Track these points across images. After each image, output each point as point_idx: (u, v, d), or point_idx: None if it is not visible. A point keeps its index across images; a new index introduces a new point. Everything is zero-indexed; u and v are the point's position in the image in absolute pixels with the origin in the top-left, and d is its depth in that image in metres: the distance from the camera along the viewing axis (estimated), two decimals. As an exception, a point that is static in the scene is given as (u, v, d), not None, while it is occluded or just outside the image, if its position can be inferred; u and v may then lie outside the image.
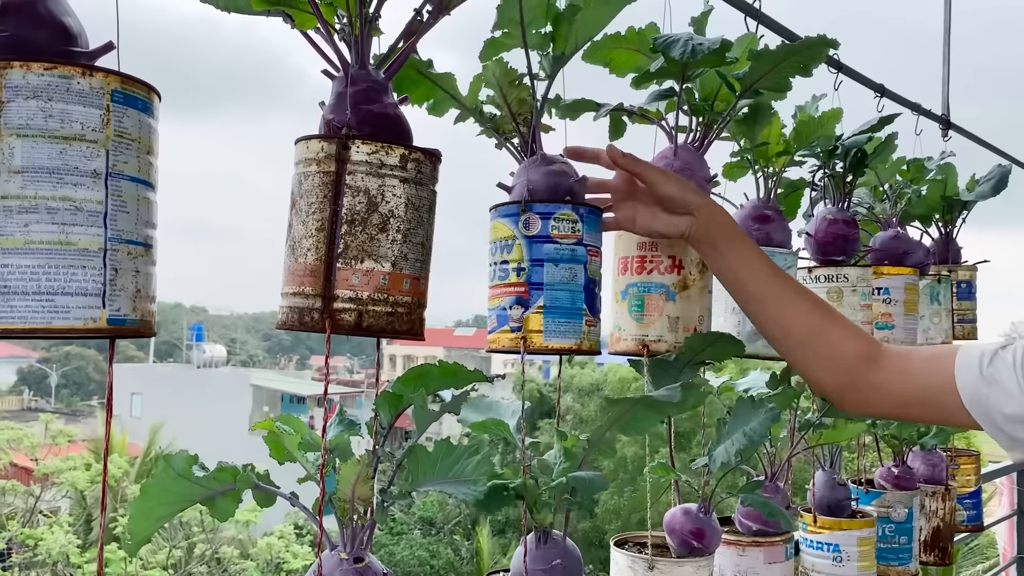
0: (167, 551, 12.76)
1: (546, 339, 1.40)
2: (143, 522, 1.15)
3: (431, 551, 17.94)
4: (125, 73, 0.88)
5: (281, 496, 1.17)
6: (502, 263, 1.42)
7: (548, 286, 1.40)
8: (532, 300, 1.40)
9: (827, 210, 2.18)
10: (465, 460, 1.13)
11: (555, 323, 1.41)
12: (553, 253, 1.40)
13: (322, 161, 1.09)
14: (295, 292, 1.10)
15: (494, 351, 1.46)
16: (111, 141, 0.87)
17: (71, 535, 11.65)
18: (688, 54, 1.43)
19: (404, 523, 19.30)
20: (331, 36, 1.16)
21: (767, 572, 1.86)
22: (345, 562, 1.11)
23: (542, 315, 1.40)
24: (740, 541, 1.86)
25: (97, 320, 0.85)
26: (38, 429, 14.43)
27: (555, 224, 1.42)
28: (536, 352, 1.43)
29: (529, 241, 1.41)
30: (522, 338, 1.40)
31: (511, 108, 1.52)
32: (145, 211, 0.91)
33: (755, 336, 1.87)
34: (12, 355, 47.71)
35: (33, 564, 11.85)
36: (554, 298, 1.41)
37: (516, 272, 1.40)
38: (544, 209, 1.41)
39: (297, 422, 1.21)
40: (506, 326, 1.41)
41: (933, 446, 2.61)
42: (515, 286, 1.41)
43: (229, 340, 61.98)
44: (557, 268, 1.41)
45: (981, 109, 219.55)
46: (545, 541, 1.42)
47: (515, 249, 1.40)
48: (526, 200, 1.40)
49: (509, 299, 1.41)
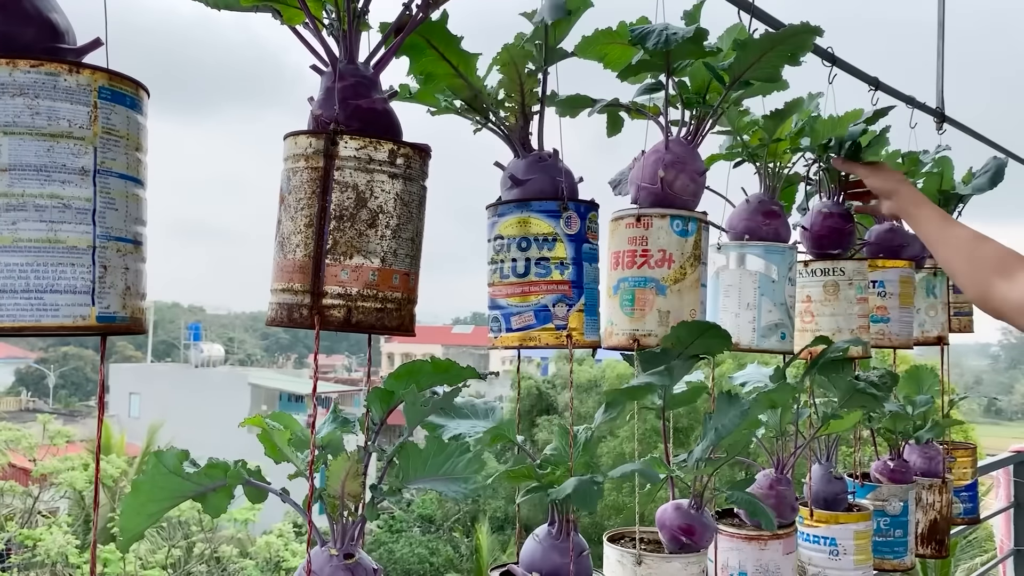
0: (166, 550, 12.76)
1: (586, 335, 1.46)
2: (135, 519, 1.15)
3: (430, 548, 17.96)
4: (112, 70, 0.88)
5: (272, 492, 1.17)
6: (540, 260, 1.43)
7: (586, 285, 1.46)
8: (575, 299, 1.44)
9: (823, 204, 2.18)
10: (456, 458, 1.14)
11: (590, 320, 1.48)
12: (588, 253, 1.46)
13: (310, 157, 1.09)
14: (284, 288, 1.10)
15: (528, 348, 1.47)
16: (99, 138, 0.87)
17: (69, 535, 11.64)
18: (662, 44, 1.44)
19: (403, 521, 19.31)
20: (319, 31, 1.16)
21: (785, 563, 1.86)
22: (335, 558, 1.11)
23: (583, 313, 1.46)
24: (762, 536, 1.84)
25: (87, 318, 0.85)
26: (36, 430, 14.43)
27: (590, 224, 1.47)
28: (580, 347, 1.47)
29: (571, 239, 1.44)
30: (568, 335, 1.43)
31: (524, 97, 1.51)
32: (134, 208, 0.91)
33: (769, 331, 1.87)
34: (10, 356, 47.65)
35: (32, 565, 11.84)
36: (591, 296, 1.47)
37: (559, 270, 1.43)
38: (582, 209, 1.45)
39: (289, 419, 1.21)
40: (549, 324, 1.44)
41: (929, 439, 2.62)
42: (559, 284, 1.43)
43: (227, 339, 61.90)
44: (591, 268, 1.48)
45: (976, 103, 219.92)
46: (568, 534, 1.42)
47: (558, 247, 1.43)
48: (567, 198, 1.43)
49: (551, 297, 1.43)
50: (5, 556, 12.40)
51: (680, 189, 1.66)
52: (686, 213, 1.64)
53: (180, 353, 47.45)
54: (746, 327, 1.83)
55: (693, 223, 1.64)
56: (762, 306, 1.83)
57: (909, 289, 2.45)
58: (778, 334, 1.83)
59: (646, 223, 1.64)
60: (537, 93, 1.47)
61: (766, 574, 1.81)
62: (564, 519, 1.40)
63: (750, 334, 1.82)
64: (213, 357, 42.65)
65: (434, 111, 1.60)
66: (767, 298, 1.83)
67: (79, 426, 25.01)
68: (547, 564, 1.40)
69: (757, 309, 1.83)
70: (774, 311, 1.83)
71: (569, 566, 1.37)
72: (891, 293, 2.42)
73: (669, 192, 1.65)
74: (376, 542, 18.38)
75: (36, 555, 11.41)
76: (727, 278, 1.88)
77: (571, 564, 1.37)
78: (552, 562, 1.39)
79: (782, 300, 1.84)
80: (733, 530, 1.85)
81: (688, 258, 1.64)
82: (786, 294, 1.85)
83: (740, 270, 1.86)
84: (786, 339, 1.84)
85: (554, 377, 20.25)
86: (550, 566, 1.39)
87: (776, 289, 1.83)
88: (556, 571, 1.38)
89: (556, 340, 1.41)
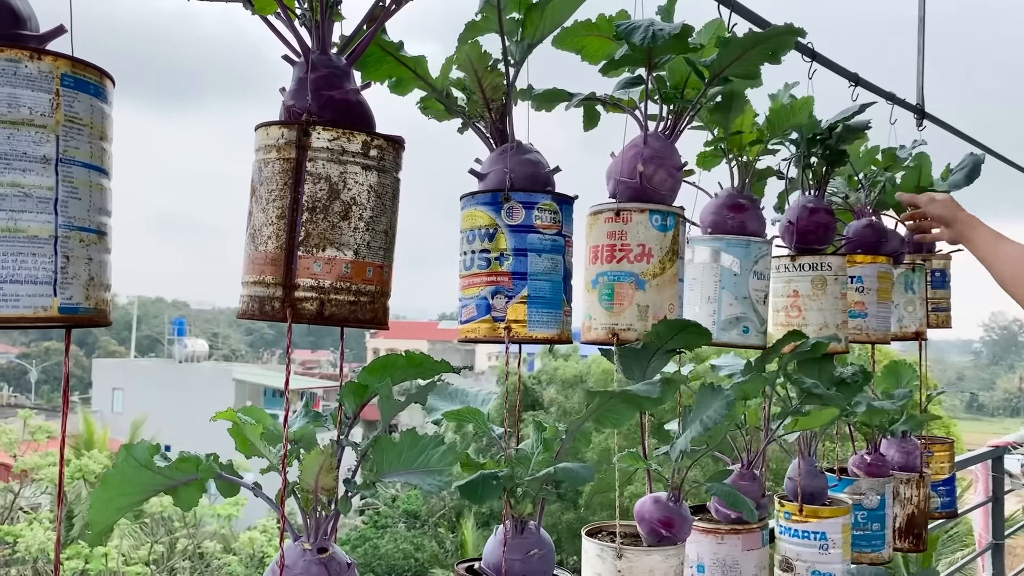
0: (149, 546, 12.69)
1: (530, 329, 1.41)
2: (104, 512, 1.13)
3: (416, 544, 17.92)
4: (76, 57, 0.87)
5: (244, 486, 1.16)
6: (482, 251, 1.41)
7: (532, 276, 1.41)
8: (516, 290, 1.41)
9: (807, 199, 2.18)
10: (431, 451, 1.13)
11: (539, 313, 1.43)
12: (536, 243, 1.41)
13: (282, 148, 1.08)
14: (255, 281, 1.09)
15: (472, 341, 1.46)
16: (61, 126, 0.85)
17: (51, 531, 11.55)
18: (649, 40, 1.43)
19: (388, 516, 19.27)
20: (291, 21, 1.15)
21: (745, 559, 1.86)
22: (308, 552, 1.10)
23: (526, 305, 1.41)
24: (719, 529, 1.86)
25: (48, 308, 0.84)
26: (17, 425, 14.29)
27: (538, 214, 1.42)
28: (520, 342, 1.44)
29: (512, 230, 1.41)
30: (506, 328, 1.40)
31: (485, 93, 1.51)
32: (98, 198, 0.90)
33: (729, 325, 1.88)
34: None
35: (13, 561, 11.75)
36: (537, 288, 1.42)
37: (498, 261, 1.40)
38: (527, 199, 1.41)
39: (260, 413, 1.20)
40: (487, 316, 1.41)
41: (904, 432, 2.62)
42: (498, 275, 1.41)
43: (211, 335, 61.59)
44: (540, 258, 1.42)
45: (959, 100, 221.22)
46: (522, 531, 1.42)
47: (497, 238, 1.40)
48: (509, 188, 1.40)
49: (490, 288, 1.41)
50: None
51: (659, 184, 1.66)
52: (665, 208, 1.64)
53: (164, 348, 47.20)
54: (706, 320, 1.83)
55: (672, 218, 1.64)
56: (723, 299, 1.83)
57: (887, 284, 2.46)
58: (739, 328, 1.83)
59: (625, 217, 1.63)
60: (501, 87, 1.46)
61: (724, 568, 1.81)
62: (518, 517, 1.39)
63: (710, 327, 1.82)
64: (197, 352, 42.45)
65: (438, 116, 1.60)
66: (728, 292, 1.83)
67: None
68: (494, 559, 1.39)
69: (717, 302, 1.83)
70: (735, 305, 1.83)
71: (520, 563, 1.37)
72: (869, 288, 2.43)
73: (648, 187, 1.65)
74: (361, 538, 18.34)
75: (16, 552, 11.32)
76: (692, 271, 1.89)
77: (519, 562, 1.36)
78: (497, 557, 1.38)
79: (745, 294, 1.84)
80: (695, 522, 1.86)
81: (667, 253, 1.63)
82: (750, 288, 1.85)
83: (703, 263, 1.87)
84: (749, 333, 1.85)
85: (539, 373, 20.23)
86: (495, 561, 1.38)
87: (738, 283, 1.84)
88: (500, 567, 1.37)
89: (493, 332, 1.38)
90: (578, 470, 1.44)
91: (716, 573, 1.84)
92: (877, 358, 2.73)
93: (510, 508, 1.41)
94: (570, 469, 1.44)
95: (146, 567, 12.14)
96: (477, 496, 1.31)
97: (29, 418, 13.77)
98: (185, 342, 41.84)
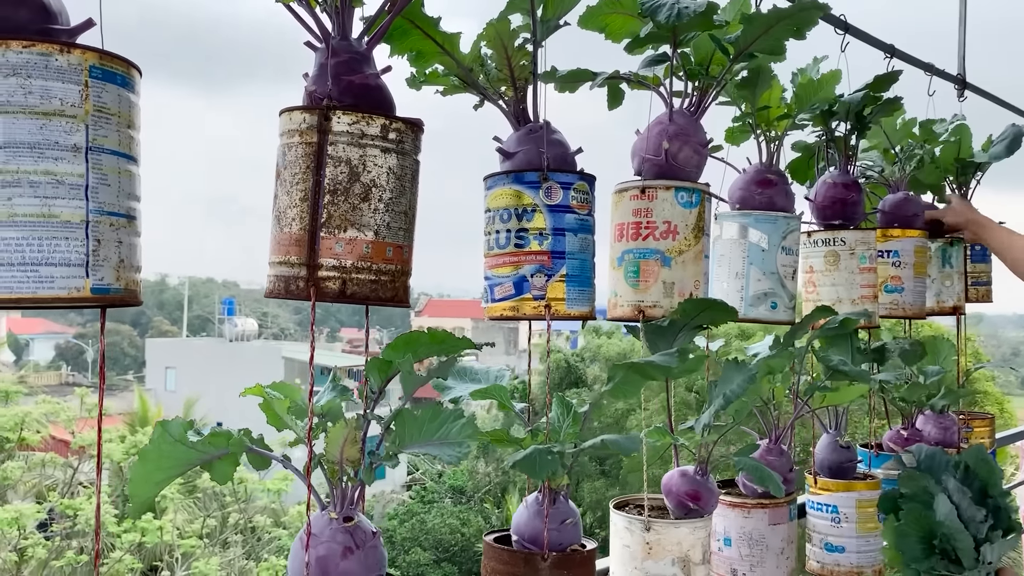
0: (202, 520, 13.04)
1: (568, 306, 1.46)
2: (143, 486, 1.19)
3: (462, 519, 18.13)
4: (103, 49, 0.91)
5: (274, 459, 1.20)
6: (520, 231, 1.45)
7: (569, 255, 1.46)
8: (555, 269, 1.45)
9: (830, 174, 2.17)
10: (451, 423, 1.16)
11: (575, 291, 1.48)
12: (573, 223, 1.46)
13: (304, 132, 1.11)
14: (281, 261, 1.13)
15: (509, 319, 1.49)
16: (90, 116, 0.89)
17: (108, 505, 11.93)
18: (674, 18, 1.44)
19: (435, 492, 19.53)
20: (312, 7, 1.18)
21: (771, 533, 1.88)
22: (335, 521, 1.15)
23: (565, 283, 1.46)
24: (746, 503, 1.88)
25: (81, 289, 0.89)
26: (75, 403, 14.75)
27: (573, 194, 1.46)
28: (559, 318, 1.48)
29: (551, 210, 1.45)
30: (546, 305, 1.44)
31: (513, 71, 1.53)
32: (127, 183, 0.94)
33: (758, 300, 1.88)
34: (50, 331, 48.63)
35: (74, 534, 12.17)
36: (573, 267, 1.47)
37: (538, 240, 1.44)
38: (565, 179, 1.45)
39: (289, 388, 1.25)
40: (527, 294, 1.45)
41: (943, 407, 2.60)
42: (537, 254, 1.45)
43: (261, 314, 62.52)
44: (576, 238, 1.47)
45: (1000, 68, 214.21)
46: (554, 502, 1.46)
47: (536, 217, 1.44)
48: (548, 169, 1.44)
49: (531, 267, 1.45)
50: (48, 525, 12.75)
51: (684, 161, 1.66)
52: (690, 185, 1.65)
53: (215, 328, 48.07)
54: (734, 296, 1.84)
55: (697, 195, 1.65)
56: (751, 275, 1.84)
57: (923, 259, 2.43)
58: (768, 303, 1.83)
59: (650, 195, 1.65)
60: (528, 66, 1.48)
61: (751, 542, 1.83)
62: (546, 487, 1.43)
63: (738, 303, 1.83)
64: (247, 331, 43.15)
65: (443, 90, 1.62)
66: (756, 267, 1.84)
67: (117, 399, 25.51)
68: (529, 530, 1.43)
69: (746, 278, 1.83)
70: (764, 280, 1.83)
71: (557, 532, 1.41)
72: (905, 263, 2.40)
73: (673, 164, 1.66)
74: (408, 512, 18.62)
75: (76, 524, 11.72)
76: (720, 248, 1.89)
77: (544, 531, 1.40)
78: (534, 528, 1.42)
79: (773, 269, 1.84)
80: (722, 496, 1.88)
81: (692, 229, 1.64)
82: (778, 263, 1.84)
83: (731, 239, 1.87)
84: (777, 308, 1.85)
85: (582, 351, 20.26)
86: (531, 532, 1.43)
87: (767, 258, 1.84)
88: (536, 537, 1.42)
89: (534, 310, 1.42)
90: (623, 441, 1.49)
91: (743, 546, 1.86)
92: (928, 333, 2.71)
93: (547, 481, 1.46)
94: (616, 441, 1.49)
95: (199, 540, 12.48)
96: (535, 470, 1.35)
97: (86, 396, 14.20)
98: (235, 321, 42.55)
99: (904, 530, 1.38)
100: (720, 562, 1.91)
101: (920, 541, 1.38)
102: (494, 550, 1.44)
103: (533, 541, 1.44)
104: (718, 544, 1.90)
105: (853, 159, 2.20)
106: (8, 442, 12.64)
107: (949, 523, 1.36)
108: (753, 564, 1.87)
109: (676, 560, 1.61)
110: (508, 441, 1.45)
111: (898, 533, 1.37)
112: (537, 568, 1.39)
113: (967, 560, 1.36)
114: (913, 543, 1.38)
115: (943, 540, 1.37)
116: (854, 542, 2.12)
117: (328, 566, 1.13)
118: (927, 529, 1.38)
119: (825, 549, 2.16)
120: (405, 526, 17.40)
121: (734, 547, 1.88)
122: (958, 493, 1.39)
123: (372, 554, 1.16)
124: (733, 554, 1.88)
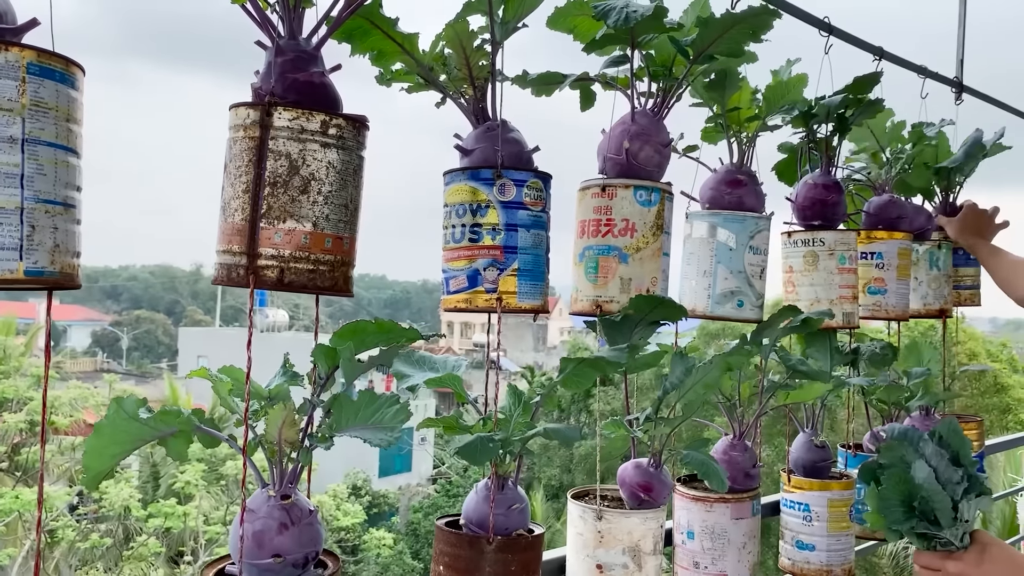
0: (226, 507, 13.24)
1: (519, 300, 1.51)
2: (97, 459, 1.25)
3: (485, 513, 18.20)
4: (41, 47, 0.97)
5: (221, 439, 1.26)
6: (474, 226, 1.49)
7: (521, 250, 1.50)
8: (507, 263, 1.49)
9: (811, 175, 2.19)
10: (385, 409, 1.21)
11: (527, 285, 1.52)
12: (525, 219, 1.51)
13: (248, 127, 1.17)
14: (225, 250, 1.19)
15: (461, 310, 1.54)
16: (27, 110, 0.96)
17: (132, 489, 12.17)
18: (622, 21, 1.47)
19: (460, 486, 19.63)
20: (262, 9, 1.23)
21: (733, 528, 1.91)
22: (272, 499, 1.21)
23: (516, 277, 1.50)
24: (708, 498, 1.91)
25: (15, 272, 0.95)
26: (105, 390, 15.04)
27: (527, 191, 1.51)
28: (511, 312, 1.52)
29: (504, 206, 1.49)
30: (498, 298, 1.49)
31: (471, 71, 1.58)
32: (64, 173, 1.00)
33: (724, 299, 1.91)
34: (87, 319, 49.50)
35: (103, 517, 12.44)
36: (525, 261, 1.51)
37: (491, 235, 1.49)
38: (519, 176, 1.50)
39: (235, 371, 1.31)
40: (480, 287, 1.50)
41: (928, 410, 2.59)
42: (490, 248, 1.49)
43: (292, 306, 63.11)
44: (528, 233, 1.52)
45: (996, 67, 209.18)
46: (502, 488, 1.50)
47: (490, 213, 1.49)
48: (502, 166, 1.48)
49: (483, 261, 1.50)
50: (76, 507, 13.04)
51: (644, 160, 1.70)
52: (649, 184, 1.68)
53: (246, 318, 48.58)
54: (701, 294, 1.87)
55: (656, 193, 1.68)
56: (718, 273, 1.86)
57: (907, 261, 2.44)
58: (734, 301, 1.86)
59: (610, 193, 1.69)
60: (487, 66, 1.53)
61: (713, 536, 1.86)
62: (494, 473, 1.48)
63: (705, 301, 1.86)
64: (278, 323, 43.55)
65: (408, 88, 1.67)
66: (723, 266, 1.86)
67: (150, 387, 25.93)
68: (476, 515, 1.48)
69: (713, 276, 1.86)
70: (731, 279, 1.86)
71: (503, 517, 1.46)
72: (888, 265, 2.41)
73: (634, 163, 1.70)
74: (433, 505, 18.74)
75: (102, 507, 11.98)
76: (690, 246, 1.92)
77: (490, 516, 1.45)
78: (481, 513, 1.47)
79: (740, 268, 1.86)
80: (685, 489, 1.91)
81: (650, 228, 1.68)
82: (746, 262, 1.87)
83: (700, 238, 1.90)
84: (744, 307, 1.87)
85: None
86: (479, 516, 1.48)
87: (734, 257, 1.86)
88: (483, 521, 1.46)
89: (486, 303, 1.47)
90: (564, 430, 1.53)
91: (705, 540, 1.89)
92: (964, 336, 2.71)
93: (500, 467, 1.51)
94: (558, 430, 1.53)
95: (224, 527, 12.68)
96: (475, 456, 1.40)
97: (114, 382, 14.47)
98: (267, 312, 42.96)
99: (885, 494, 1.43)
100: (683, 555, 1.94)
101: (901, 504, 1.43)
102: (443, 533, 1.49)
103: (480, 525, 1.49)
104: (681, 537, 1.94)
105: (835, 160, 2.22)
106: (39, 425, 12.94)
107: (928, 485, 1.41)
108: (715, 557, 1.90)
109: (627, 549, 1.65)
110: (458, 428, 1.50)
111: (880, 497, 1.43)
112: (482, 551, 1.44)
113: (945, 519, 1.42)
114: (895, 506, 1.43)
115: (922, 502, 1.43)
116: (824, 541, 2.14)
117: (263, 540, 1.19)
118: (907, 492, 1.43)
119: (796, 547, 2.18)
120: (430, 519, 17.55)
121: (697, 540, 1.91)
122: (936, 457, 1.44)
123: (307, 531, 1.21)
124: (696, 547, 1.92)
